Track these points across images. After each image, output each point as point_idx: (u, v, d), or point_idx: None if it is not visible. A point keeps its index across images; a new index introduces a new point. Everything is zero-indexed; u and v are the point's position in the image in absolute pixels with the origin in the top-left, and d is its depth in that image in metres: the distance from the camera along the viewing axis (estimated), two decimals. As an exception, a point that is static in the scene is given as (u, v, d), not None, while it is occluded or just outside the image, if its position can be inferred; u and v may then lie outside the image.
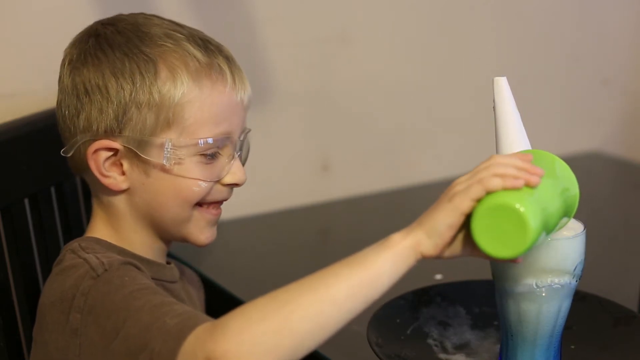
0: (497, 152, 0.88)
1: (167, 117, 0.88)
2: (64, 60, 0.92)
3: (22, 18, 1.25)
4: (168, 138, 0.88)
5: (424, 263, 1.31)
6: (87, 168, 0.90)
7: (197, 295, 1.07)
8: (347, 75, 1.56)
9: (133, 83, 0.88)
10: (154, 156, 0.88)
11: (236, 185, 0.93)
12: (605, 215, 1.53)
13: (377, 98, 1.61)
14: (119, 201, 0.91)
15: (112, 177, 0.90)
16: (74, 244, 0.90)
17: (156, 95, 0.88)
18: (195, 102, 0.89)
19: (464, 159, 1.71)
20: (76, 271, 0.83)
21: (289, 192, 1.55)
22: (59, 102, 0.92)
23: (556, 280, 0.84)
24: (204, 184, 0.90)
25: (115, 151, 0.89)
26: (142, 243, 0.93)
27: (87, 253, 0.86)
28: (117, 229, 0.93)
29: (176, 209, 0.91)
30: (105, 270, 0.82)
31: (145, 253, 0.93)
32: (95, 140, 0.89)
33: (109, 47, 0.90)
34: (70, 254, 0.87)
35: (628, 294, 1.12)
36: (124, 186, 0.90)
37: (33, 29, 1.26)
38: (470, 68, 1.68)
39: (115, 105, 0.88)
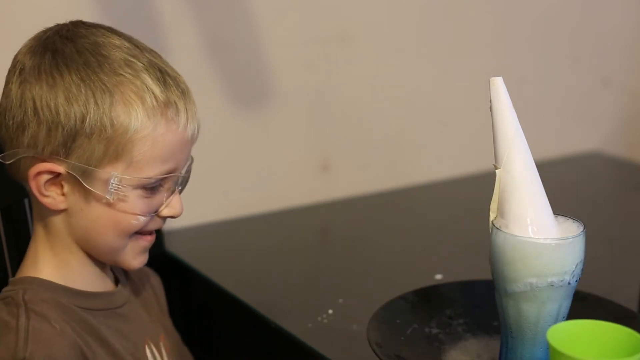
0: (495, 152, 0.88)
1: (117, 151, 0.86)
2: (14, 65, 0.90)
3: (22, 18, 1.25)
4: (114, 173, 0.87)
5: (424, 263, 1.32)
6: (25, 181, 0.89)
7: (153, 296, 1.08)
8: (347, 75, 1.56)
9: (87, 111, 0.85)
10: (97, 187, 0.87)
11: (172, 217, 0.94)
12: (605, 215, 1.53)
13: (377, 98, 1.61)
14: (57, 220, 0.90)
15: (51, 197, 0.89)
16: (19, 292, 0.88)
17: (108, 128, 0.86)
18: (147, 139, 0.87)
19: (463, 159, 1.71)
20: (2, 337, 0.84)
21: (289, 192, 1.55)
22: (2, 107, 0.89)
23: (556, 280, 0.84)
24: (142, 218, 0.90)
25: (58, 174, 0.88)
26: (80, 264, 0.92)
27: (24, 316, 0.85)
28: (55, 251, 0.92)
29: (112, 238, 0.90)
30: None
31: (85, 275, 0.93)
32: (39, 161, 0.87)
33: (66, 68, 0.87)
34: (8, 306, 0.87)
35: (628, 294, 1.12)
36: (62, 207, 0.89)
37: (33, 29, 1.26)
38: (470, 68, 1.68)
39: (65, 131, 0.86)
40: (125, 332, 0.95)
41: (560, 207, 0.90)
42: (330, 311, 1.12)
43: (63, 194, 0.88)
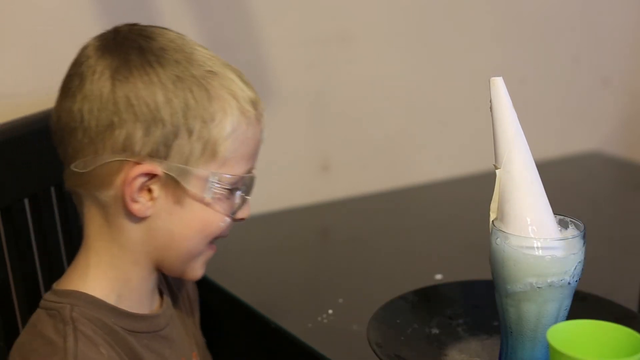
0: (495, 152, 0.88)
1: (213, 149, 0.83)
2: (92, 67, 0.83)
3: (22, 18, 1.25)
4: (212, 171, 0.84)
5: (424, 263, 1.32)
6: (104, 187, 0.83)
7: (189, 306, 1.05)
8: (347, 75, 1.56)
9: (187, 107, 0.82)
10: (193, 187, 0.83)
11: (242, 220, 0.91)
12: (605, 215, 1.53)
13: (377, 98, 1.61)
14: (134, 229, 0.85)
15: (141, 203, 0.83)
16: (66, 307, 0.83)
17: (208, 124, 0.82)
18: (239, 137, 0.85)
19: (463, 159, 1.71)
20: (48, 357, 0.80)
21: (289, 192, 1.55)
22: (79, 110, 0.83)
23: (556, 280, 0.84)
24: (227, 220, 0.87)
25: (152, 177, 0.83)
26: (139, 279, 0.88)
27: (72, 337, 0.80)
28: (115, 264, 0.86)
29: (196, 242, 0.87)
30: None
31: (140, 292, 0.89)
32: (133, 164, 0.81)
33: (158, 65, 0.82)
34: (53, 320, 0.83)
35: (628, 294, 1.12)
36: (148, 213, 0.84)
37: (33, 29, 1.26)
38: (470, 68, 1.68)
39: (165, 129, 0.81)
40: (165, 355, 0.91)
41: (560, 207, 0.90)
42: (330, 311, 1.12)
43: (152, 199, 0.83)
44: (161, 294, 0.96)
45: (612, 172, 1.86)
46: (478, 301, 1.01)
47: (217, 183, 0.84)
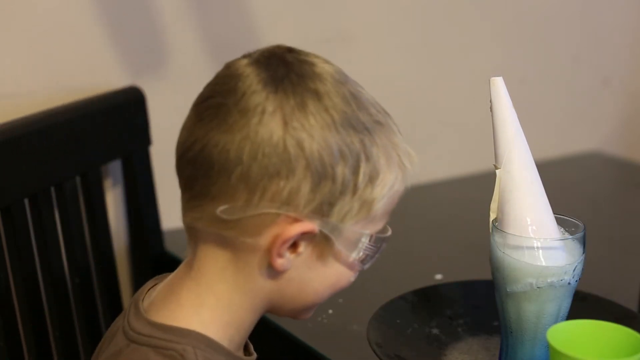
0: (495, 152, 0.88)
1: (369, 208, 0.76)
2: (260, 104, 0.73)
3: (22, 18, 1.25)
4: (366, 231, 0.77)
5: (424, 263, 1.32)
6: (247, 235, 0.74)
7: None
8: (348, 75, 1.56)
9: (358, 165, 0.74)
10: (342, 246, 0.76)
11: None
12: (605, 215, 1.53)
13: (378, 98, 1.61)
14: (266, 280, 0.77)
15: (286, 258, 0.75)
16: (187, 349, 0.74)
17: (373, 182, 0.75)
18: (392, 194, 0.78)
19: (464, 159, 1.71)
20: None
21: (289, 192, 1.55)
22: (239, 150, 0.72)
23: (556, 280, 0.84)
24: (355, 275, 0.81)
25: (305, 233, 0.74)
26: (251, 322, 0.80)
27: None
28: (233, 310, 0.78)
29: (324, 296, 0.80)
30: None
31: (244, 337, 0.82)
32: (292, 220, 0.73)
33: (335, 112, 0.74)
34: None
35: (628, 294, 1.12)
36: (288, 267, 0.76)
37: (33, 29, 1.26)
38: (470, 68, 1.68)
39: (336, 186, 0.73)
40: None
41: (560, 207, 0.90)
42: (330, 311, 1.12)
43: (295, 253, 0.75)
44: None
45: (612, 172, 1.86)
46: (478, 301, 1.01)
47: (367, 243, 0.78)
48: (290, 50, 0.79)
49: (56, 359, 1.13)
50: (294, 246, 0.75)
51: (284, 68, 0.76)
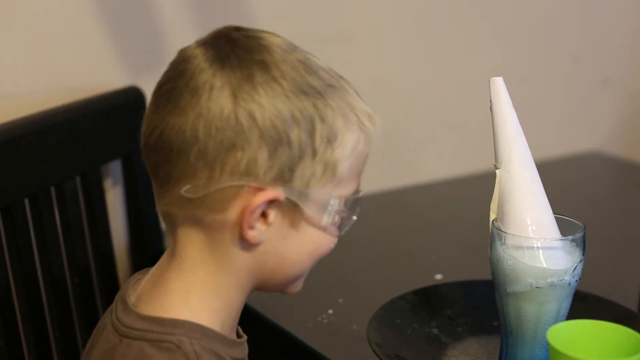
0: (495, 152, 0.88)
1: (333, 170, 0.77)
2: (208, 81, 0.74)
3: (23, 18, 1.25)
4: (333, 194, 0.77)
5: (424, 263, 1.32)
6: (214, 212, 0.76)
7: None
8: (347, 75, 1.54)
9: (313, 127, 0.75)
10: (312, 210, 0.77)
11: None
12: (605, 215, 1.53)
13: (377, 98, 1.60)
14: (243, 255, 0.78)
15: (257, 229, 0.76)
16: (184, 339, 0.74)
17: (332, 144, 0.76)
18: (357, 155, 0.79)
19: (464, 159, 1.71)
20: None
21: (289, 192, 1.55)
22: (193, 129, 0.74)
23: (556, 280, 0.84)
24: (336, 241, 0.81)
25: (271, 202, 0.75)
26: (240, 302, 0.81)
27: None
28: (219, 292, 0.79)
29: (306, 265, 0.81)
30: None
31: (236, 318, 0.83)
32: (255, 189, 0.74)
33: (283, 79, 0.75)
34: (171, 354, 0.74)
35: (628, 294, 1.12)
36: (262, 239, 0.77)
37: (33, 29, 1.26)
38: (470, 68, 1.68)
39: (293, 151, 0.74)
40: None
41: (560, 207, 0.90)
42: (330, 311, 1.12)
43: (266, 224, 0.76)
44: None
45: (612, 172, 1.86)
46: (478, 301, 1.01)
47: (336, 205, 0.78)
48: (237, 28, 0.79)
49: (56, 359, 1.13)
50: (264, 217, 0.76)
51: (230, 45, 0.77)
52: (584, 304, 0.97)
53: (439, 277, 1.20)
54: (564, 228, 0.88)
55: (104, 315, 0.83)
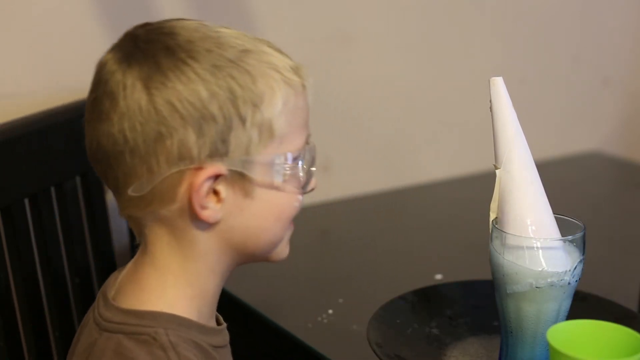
0: (495, 152, 0.88)
1: (270, 130, 0.77)
2: (120, 82, 0.76)
3: (22, 18, 1.25)
4: (276, 153, 0.78)
5: (424, 263, 1.32)
6: (167, 203, 0.77)
7: None
8: (348, 75, 1.56)
9: (234, 96, 0.75)
10: (261, 175, 0.78)
11: (311, 191, 0.85)
12: (605, 215, 1.53)
13: (377, 98, 1.61)
14: (206, 237, 0.79)
15: (210, 208, 0.77)
16: (159, 331, 0.76)
17: (259, 107, 0.76)
18: (291, 109, 0.79)
19: (464, 159, 1.71)
20: None
21: (289, 192, 1.55)
22: (120, 131, 0.75)
23: (556, 280, 0.84)
24: (300, 197, 0.82)
25: (216, 177, 0.76)
26: (216, 289, 0.83)
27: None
28: (191, 279, 0.80)
29: (277, 229, 0.82)
30: None
31: (214, 303, 0.84)
32: (194, 170, 0.75)
33: (192, 60, 0.76)
34: (147, 347, 0.75)
35: (628, 294, 1.12)
36: (219, 217, 0.77)
37: (33, 29, 1.26)
38: (470, 68, 1.68)
39: (219, 124, 0.75)
40: None
41: (560, 207, 0.90)
42: (330, 311, 1.12)
43: (219, 201, 0.77)
44: None
45: (612, 172, 1.86)
46: (478, 301, 1.01)
47: (283, 163, 0.79)
48: (143, 25, 0.81)
49: (56, 359, 1.13)
50: (216, 195, 0.77)
51: (133, 42, 0.78)
52: (584, 304, 0.97)
53: (439, 277, 1.20)
54: (564, 228, 0.88)
55: (88, 312, 0.84)
